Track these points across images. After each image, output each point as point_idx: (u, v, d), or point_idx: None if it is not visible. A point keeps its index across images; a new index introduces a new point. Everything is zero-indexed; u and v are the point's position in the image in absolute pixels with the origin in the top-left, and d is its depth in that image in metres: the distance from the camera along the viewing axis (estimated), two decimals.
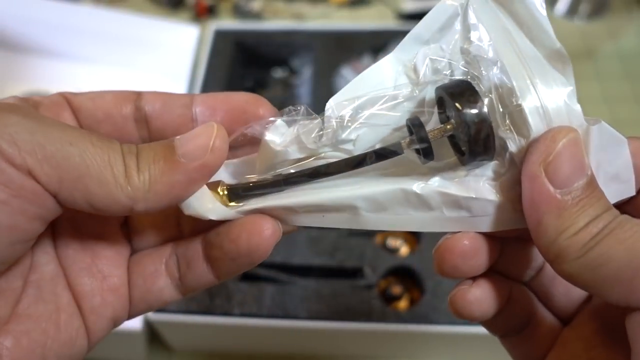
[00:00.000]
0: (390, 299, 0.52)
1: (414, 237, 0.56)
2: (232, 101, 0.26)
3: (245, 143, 0.25)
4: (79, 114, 0.25)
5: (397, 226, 0.23)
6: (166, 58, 0.75)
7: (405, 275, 0.53)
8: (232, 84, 0.70)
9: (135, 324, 0.50)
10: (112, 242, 0.26)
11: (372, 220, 0.23)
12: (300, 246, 0.54)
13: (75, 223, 0.25)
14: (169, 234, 0.27)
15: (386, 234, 0.56)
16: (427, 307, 0.50)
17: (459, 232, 0.24)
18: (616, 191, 0.22)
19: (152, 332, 0.54)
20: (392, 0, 0.86)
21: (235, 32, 0.75)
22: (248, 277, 0.53)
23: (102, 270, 0.25)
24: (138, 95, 0.26)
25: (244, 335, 0.53)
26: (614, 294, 0.20)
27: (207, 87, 0.68)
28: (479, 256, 0.24)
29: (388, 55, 0.24)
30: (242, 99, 0.26)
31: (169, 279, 0.25)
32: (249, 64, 0.76)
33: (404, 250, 0.55)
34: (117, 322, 0.26)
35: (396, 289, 0.53)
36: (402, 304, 0.53)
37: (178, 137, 0.22)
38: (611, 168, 0.22)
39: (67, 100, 0.25)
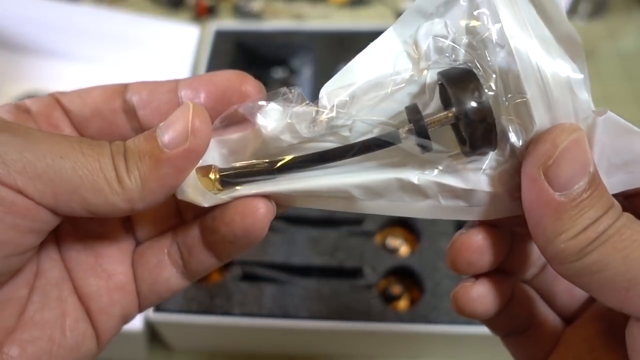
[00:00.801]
0: (390, 298, 0.52)
1: (413, 237, 0.56)
2: (215, 81, 0.25)
3: (239, 120, 0.24)
4: (69, 113, 0.25)
5: (392, 212, 0.23)
6: (166, 58, 0.75)
7: (405, 275, 0.53)
8: None
9: (135, 324, 0.50)
10: (114, 238, 0.26)
11: (367, 206, 0.23)
12: (300, 246, 0.54)
13: (76, 224, 0.25)
14: (171, 221, 0.26)
15: (386, 234, 0.56)
16: (426, 307, 0.50)
17: (472, 228, 0.24)
18: (622, 181, 0.21)
19: (152, 332, 0.54)
20: (392, 0, 0.86)
21: (235, 32, 0.75)
22: (248, 277, 0.53)
23: (106, 269, 0.25)
24: (125, 87, 0.26)
25: (244, 335, 0.53)
26: (608, 300, 0.20)
27: None
28: (492, 251, 0.24)
29: (387, 30, 0.23)
30: (224, 77, 0.25)
31: (174, 268, 0.25)
32: (249, 65, 0.76)
33: (404, 250, 0.55)
34: (127, 318, 0.26)
35: (396, 289, 0.53)
36: (402, 303, 0.53)
37: (160, 125, 0.22)
38: (617, 158, 0.21)
39: (57, 100, 0.25)
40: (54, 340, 0.23)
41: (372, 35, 0.23)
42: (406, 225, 0.56)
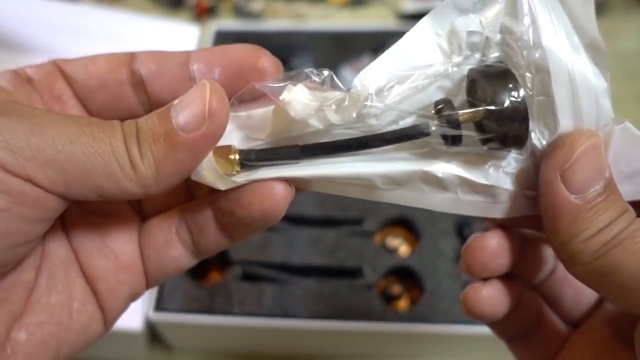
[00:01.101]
0: (390, 298, 0.52)
1: (413, 237, 0.56)
2: (229, 55, 0.24)
3: (254, 96, 0.23)
4: (72, 83, 0.24)
5: (409, 202, 0.23)
6: None
7: (405, 275, 0.53)
8: None
9: (135, 324, 0.50)
10: (120, 217, 0.25)
11: (385, 195, 0.23)
12: (300, 246, 0.54)
13: (80, 203, 0.24)
14: (179, 198, 0.26)
15: (386, 234, 0.56)
16: (426, 307, 0.50)
17: (488, 231, 0.24)
18: (629, 191, 0.22)
19: (152, 332, 0.54)
20: (392, 0, 0.86)
21: (235, 32, 0.75)
22: (248, 277, 0.53)
23: (113, 249, 0.24)
24: (131, 56, 0.25)
25: (244, 335, 0.53)
26: (620, 301, 0.21)
27: None
28: (506, 255, 0.24)
29: (421, 20, 0.23)
30: (240, 51, 0.24)
31: (182, 247, 0.25)
32: None
33: (404, 250, 0.55)
34: (134, 297, 0.25)
35: (396, 289, 0.53)
36: (402, 303, 0.53)
37: (174, 104, 0.20)
38: (627, 168, 0.22)
39: (60, 68, 0.24)
40: (62, 324, 0.22)
41: (372, 35, 0.24)
42: (406, 225, 0.56)
